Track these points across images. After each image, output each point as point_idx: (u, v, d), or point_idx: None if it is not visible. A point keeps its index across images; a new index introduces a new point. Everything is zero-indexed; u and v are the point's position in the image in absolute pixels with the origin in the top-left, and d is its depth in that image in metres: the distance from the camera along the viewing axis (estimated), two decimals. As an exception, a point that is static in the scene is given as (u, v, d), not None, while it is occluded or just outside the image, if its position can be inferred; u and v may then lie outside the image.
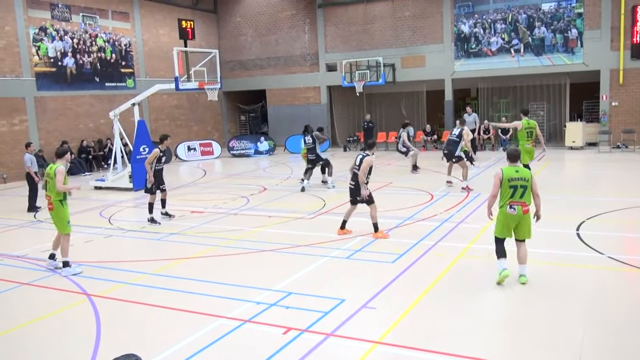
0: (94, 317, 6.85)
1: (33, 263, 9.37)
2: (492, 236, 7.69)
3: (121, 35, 24.09)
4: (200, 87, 16.92)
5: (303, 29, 27.40)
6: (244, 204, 13.86)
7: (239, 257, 9.28)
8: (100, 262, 9.20)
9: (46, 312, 7.12)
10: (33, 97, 20.70)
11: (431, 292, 7.20)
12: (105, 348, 5.97)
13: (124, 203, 15.01)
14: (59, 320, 6.88)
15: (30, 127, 20.59)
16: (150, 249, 10.18)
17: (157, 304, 7.18)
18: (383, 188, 15.09)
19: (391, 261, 8.49)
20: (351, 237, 9.89)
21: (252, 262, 8.93)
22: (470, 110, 20.53)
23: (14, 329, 6.66)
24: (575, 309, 6.49)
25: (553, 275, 7.66)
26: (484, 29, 23.66)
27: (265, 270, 8.48)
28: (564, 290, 7.08)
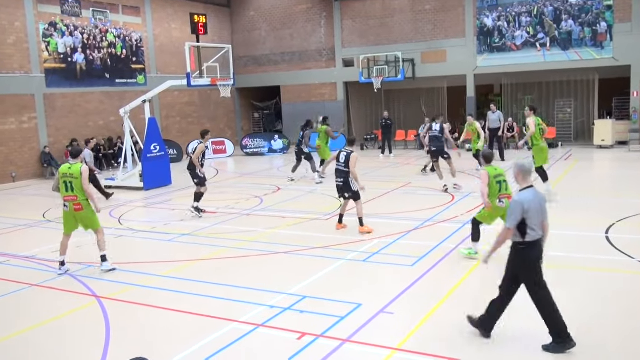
0: (103, 319, 6.90)
1: (42, 264, 9.48)
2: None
3: (132, 30, 24.30)
4: (213, 84, 16.98)
5: (319, 23, 27.39)
6: (258, 204, 13.89)
7: (252, 259, 9.29)
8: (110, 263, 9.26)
9: (55, 314, 7.19)
10: (42, 94, 20.95)
11: (452, 296, 7.14)
12: (114, 352, 6.01)
13: (134, 203, 15.12)
14: (67, 323, 6.95)
15: (39, 124, 20.85)
16: (161, 250, 10.24)
17: (167, 307, 7.21)
18: (402, 188, 15.03)
19: (410, 264, 8.45)
20: (368, 239, 9.87)
21: (266, 264, 8.94)
22: (495, 108, 20.18)
23: (22, 331, 6.74)
24: (605, 314, 6.39)
25: (581, 280, 7.56)
26: (508, 22, 23.46)
27: (279, 273, 8.48)
28: (593, 296, 6.99)
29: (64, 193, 8.65)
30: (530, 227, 5.57)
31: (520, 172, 5.76)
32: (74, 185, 8.56)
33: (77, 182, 8.55)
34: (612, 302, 6.79)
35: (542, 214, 5.67)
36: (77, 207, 8.62)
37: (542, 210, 5.68)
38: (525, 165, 5.76)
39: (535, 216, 5.58)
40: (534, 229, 5.59)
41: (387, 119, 22.67)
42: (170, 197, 15.72)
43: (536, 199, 5.65)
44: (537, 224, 5.61)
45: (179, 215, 12.99)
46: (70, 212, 8.66)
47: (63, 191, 8.66)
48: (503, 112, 25.43)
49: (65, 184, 8.62)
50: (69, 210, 8.65)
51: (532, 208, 5.57)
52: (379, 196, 14.02)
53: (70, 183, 8.61)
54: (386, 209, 12.48)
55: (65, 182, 8.62)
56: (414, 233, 10.30)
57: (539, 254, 5.71)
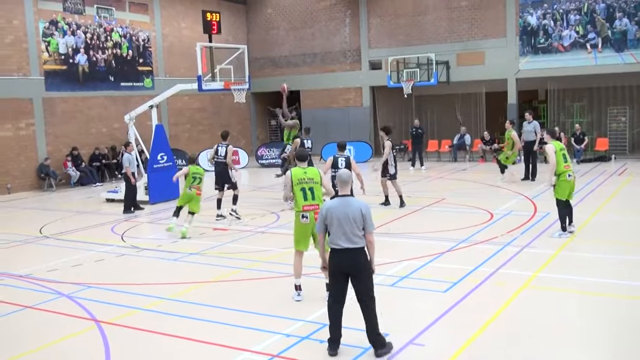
0: (103, 346, 6.95)
1: (38, 284, 9.59)
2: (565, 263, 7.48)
3: (139, 29, 24.68)
4: (226, 88, 17.12)
5: (343, 22, 27.54)
6: (274, 220, 13.91)
7: (267, 282, 9.31)
8: (111, 284, 9.36)
9: (50, 339, 7.26)
10: (41, 98, 21.33)
11: (490, 328, 7.05)
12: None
13: (138, 218, 15.26)
14: (64, 349, 7.00)
15: (37, 131, 21.20)
16: (167, 271, 10.30)
17: (173, 334, 7.23)
18: (434, 205, 14.95)
19: (443, 290, 8.38)
20: (397, 262, 9.81)
21: (282, 288, 8.93)
22: (530, 117, 19.12)
23: (14, 357, 6.81)
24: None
25: (628, 311, 7.42)
26: (555, 20, 23.32)
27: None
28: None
29: (303, 202, 8.04)
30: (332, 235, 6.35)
31: (338, 181, 6.54)
32: (315, 192, 8.05)
33: (318, 187, 8.09)
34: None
35: (348, 225, 6.28)
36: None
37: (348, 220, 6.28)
38: (342, 175, 6.53)
39: (337, 225, 6.31)
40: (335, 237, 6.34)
41: (418, 127, 22.63)
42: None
43: (342, 208, 6.34)
44: (338, 233, 6.31)
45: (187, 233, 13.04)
46: (311, 224, 8.02)
47: (301, 199, 8.04)
48: (548, 121, 25.30)
49: (304, 191, 8.05)
50: (309, 223, 8.04)
51: (334, 216, 6.32)
52: (409, 214, 13.96)
53: (311, 189, 8.08)
54: (416, 228, 12.42)
55: (303, 188, 8.07)
56: (447, 255, 10.22)
57: (334, 265, 6.38)
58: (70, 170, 21.37)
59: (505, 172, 18.07)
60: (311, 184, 8.06)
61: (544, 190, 16.28)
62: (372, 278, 6.42)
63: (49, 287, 9.34)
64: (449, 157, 24.97)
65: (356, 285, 6.35)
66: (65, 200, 18.79)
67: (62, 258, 11.21)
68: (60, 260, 11.02)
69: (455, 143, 25.05)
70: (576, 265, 9.50)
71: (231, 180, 14.31)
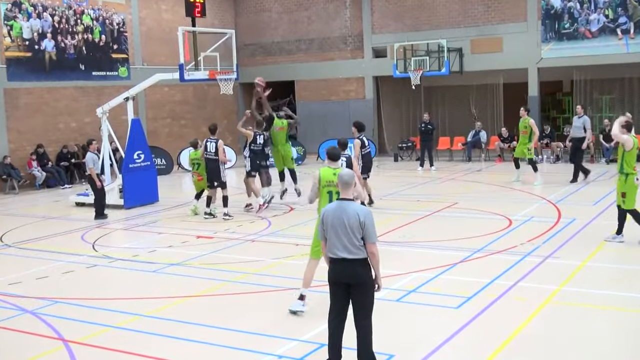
0: (72, 369, 6.94)
1: (-3, 298, 9.58)
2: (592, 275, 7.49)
3: (113, 11, 24.66)
4: (212, 78, 17.11)
5: (344, 4, 27.54)
6: (265, 227, 13.91)
7: (257, 296, 9.29)
8: (81, 299, 9.33)
9: (12, 361, 7.25)
10: (2, 90, 21.30)
11: (508, 348, 7.05)
12: (84, 410, 6.02)
13: (112, 224, 15.24)
14: (27, 373, 6.99)
15: (-2, 126, 21.19)
16: (144, 284, 10.26)
17: (150, 355, 7.20)
18: (446, 210, 14.96)
19: (455, 306, 8.38)
20: (403, 274, 9.81)
21: (274, 303, 8.91)
22: (581, 110, 18.86)
23: (-29, 382, 6.80)
24: None
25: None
26: (582, 3, 23.34)
27: (290, 314, 8.46)
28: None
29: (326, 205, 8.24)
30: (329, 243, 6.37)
31: (339, 182, 6.51)
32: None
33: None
34: None
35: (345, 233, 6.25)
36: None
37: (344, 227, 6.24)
38: (343, 176, 6.47)
39: (332, 233, 6.30)
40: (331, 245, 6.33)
41: (427, 122, 22.63)
42: (157, 217, 15.82)
43: (339, 214, 6.29)
44: (334, 241, 6.29)
45: (167, 241, 13.05)
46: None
47: (325, 202, 8.15)
48: (574, 115, 25.27)
49: (330, 195, 8.25)
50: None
51: (330, 222, 6.32)
52: (417, 220, 13.96)
53: (338, 193, 7.91)
54: (426, 236, 12.42)
55: (330, 191, 8.26)
56: (460, 266, 10.21)
57: (333, 275, 6.38)
58: (35, 170, 21.31)
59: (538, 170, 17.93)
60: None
61: (570, 193, 16.31)
62: (373, 295, 6.38)
63: (10, 303, 9.29)
64: (462, 156, 24.99)
65: (354, 299, 6.33)
66: (30, 204, 18.75)
67: (25, 269, 11.17)
68: (23, 272, 10.98)
69: (469, 140, 25.07)
70: (604, 278, 9.51)
71: (221, 179, 14.67)
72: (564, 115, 27.31)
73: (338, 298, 6.38)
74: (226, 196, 14.92)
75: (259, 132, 15.80)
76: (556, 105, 28.18)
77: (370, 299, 6.34)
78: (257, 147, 15.70)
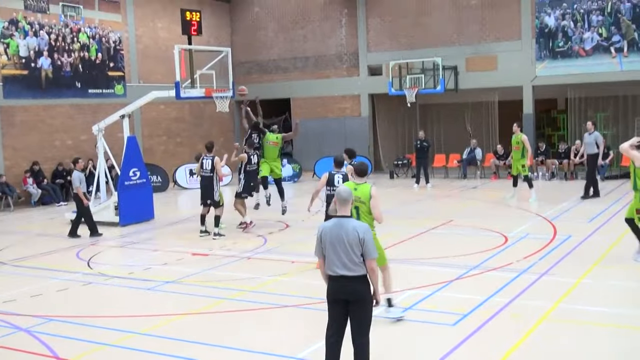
0: (66, 387, 6.90)
1: (-8, 316, 9.53)
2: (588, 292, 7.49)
3: (109, 29, 24.76)
4: (208, 95, 17.14)
5: (339, 22, 27.72)
6: (260, 244, 13.89)
7: (253, 313, 9.25)
8: (76, 317, 9.29)
9: (6, 380, 7.21)
10: (-2, 107, 21.33)
11: (505, 365, 7.03)
12: None
13: (107, 242, 15.20)
14: (21, 391, 6.95)
15: (-7, 144, 21.18)
16: (140, 302, 10.23)
17: (146, 373, 7.19)
18: (441, 227, 14.97)
19: (452, 323, 8.37)
20: (399, 291, 9.80)
21: (270, 320, 8.90)
22: (592, 127, 18.82)
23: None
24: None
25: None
26: (575, 21, 23.54)
27: (286, 331, 8.44)
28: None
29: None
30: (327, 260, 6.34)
31: (337, 199, 6.42)
32: (360, 212, 8.41)
33: (365, 208, 8.41)
34: None
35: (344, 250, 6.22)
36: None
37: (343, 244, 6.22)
38: (341, 193, 6.41)
39: (331, 250, 6.27)
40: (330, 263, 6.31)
41: (422, 140, 22.69)
42: (152, 234, 15.79)
43: (337, 231, 6.27)
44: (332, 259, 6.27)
45: (162, 258, 13.02)
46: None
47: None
48: (568, 132, 25.44)
49: (357, 210, 8.40)
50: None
51: (328, 240, 6.29)
52: (413, 237, 13.96)
53: (356, 208, 8.38)
54: (421, 253, 12.42)
55: (357, 207, 8.38)
56: (456, 283, 10.20)
57: (332, 293, 6.36)
58: (30, 187, 21.29)
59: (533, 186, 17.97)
60: (358, 202, 8.30)
61: (565, 210, 16.35)
62: (371, 312, 6.37)
63: (4, 321, 9.24)
64: (457, 173, 25.02)
65: (352, 316, 6.31)
66: (25, 222, 18.71)
67: (20, 287, 11.11)
68: (18, 290, 10.92)
69: (464, 158, 25.13)
70: (601, 295, 9.51)
71: (214, 198, 14.62)
72: (558, 133, 27.43)
73: (336, 315, 6.36)
74: (218, 216, 14.84)
75: (251, 152, 15.71)
76: (551, 122, 28.35)
77: (368, 316, 6.33)
78: (252, 167, 15.58)
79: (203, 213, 15.02)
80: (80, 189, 15.28)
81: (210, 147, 15.17)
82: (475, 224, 15.05)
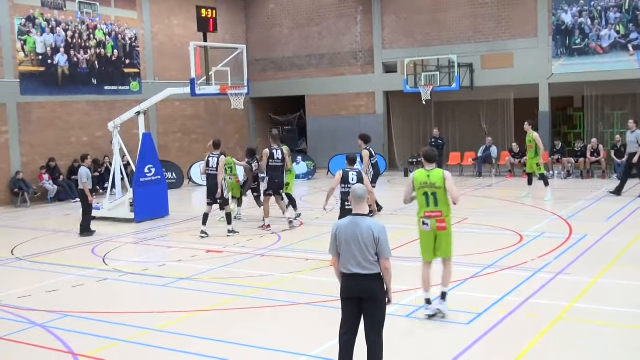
0: (81, 383, 6.93)
1: (8, 312, 9.58)
2: (603, 292, 7.44)
3: (126, 26, 24.87)
4: (223, 92, 17.19)
5: (354, 19, 27.67)
6: (275, 242, 13.90)
7: (266, 311, 9.29)
8: (91, 313, 9.33)
9: (21, 374, 7.26)
10: (16, 103, 21.46)
11: (519, 365, 7.00)
12: None
13: (122, 238, 15.28)
14: (36, 386, 6.99)
15: (11, 140, 21.31)
16: (154, 298, 10.29)
17: (160, 369, 7.21)
18: (456, 226, 14.87)
19: (466, 322, 8.35)
20: (413, 290, 9.76)
21: (284, 318, 8.92)
22: (634, 125, 18.37)
23: (-19, 395, 6.81)
24: None
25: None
26: (592, 18, 23.35)
27: (299, 328, 8.45)
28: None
29: (425, 207, 8.49)
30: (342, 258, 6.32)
31: (353, 197, 6.46)
32: (438, 198, 8.43)
33: (442, 192, 8.42)
34: None
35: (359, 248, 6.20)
36: (442, 225, 8.52)
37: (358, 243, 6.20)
38: (357, 190, 6.43)
39: (345, 248, 6.26)
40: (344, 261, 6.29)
41: (437, 138, 22.65)
42: (167, 231, 15.84)
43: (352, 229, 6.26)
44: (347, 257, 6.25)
45: (176, 255, 13.07)
46: (432, 232, 8.55)
47: (423, 205, 8.50)
48: (585, 130, 25.25)
49: (426, 196, 8.43)
50: (430, 230, 8.54)
51: (343, 238, 6.27)
52: (427, 235, 13.90)
53: (433, 194, 8.43)
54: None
55: (425, 193, 8.44)
56: (470, 282, 10.17)
57: (346, 291, 6.35)
58: (46, 183, 21.43)
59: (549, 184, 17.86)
60: (433, 188, 8.39)
61: (581, 209, 16.23)
62: (384, 311, 6.35)
63: (20, 316, 9.31)
64: (472, 172, 24.91)
65: (366, 314, 6.29)
66: (41, 218, 18.85)
67: (36, 283, 11.20)
68: (34, 286, 11.01)
69: (480, 156, 25.02)
70: (617, 295, 9.43)
71: (223, 196, 14.51)
72: (575, 131, 27.21)
73: (350, 313, 6.34)
74: (229, 213, 14.77)
75: (275, 147, 15.36)
76: (567, 120, 28.13)
77: (382, 314, 6.30)
78: (275, 162, 15.11)
79: (207, 212, 14.69)
80: (87, 185, 15.11)
81: (218, 144, 14.92)
82: (490, 223, 14.98)
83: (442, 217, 8.47)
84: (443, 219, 8.48)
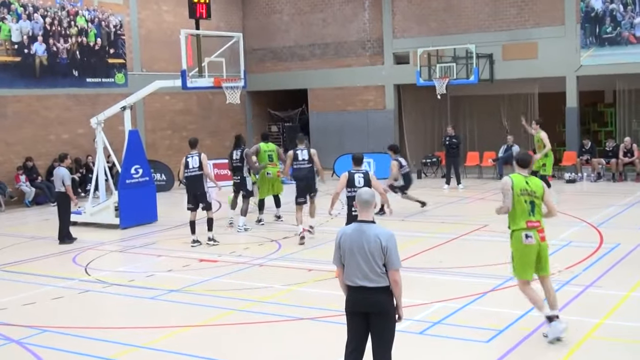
0: (61, 406, 6.95)
1: (-20, 326, 9.61)
2: (637, 308, 7.44)
3: (110, 12, 24.89)
4: (217, 85, 17.20)
5: (362, 5, 27.66)
6: (274, 250, 13.91)
7: (265, 326, 9.27)
8: (72, 328, 9.32)
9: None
10: (-11, 97, 21.52)
11: (545, 388, 7.00)
12: None
13: (106, 246, 15.28)
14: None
15: (-17, 137, 21.37)
16: (141, 312, 10.28)
17: (148, 391, 7.22)
18: (474, 233, 14.89)
19: (485, 340, 8.34)
20: (427, 304, 9.76)
21: (284, 334, 8.91)
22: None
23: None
24: None
25: None
26: (625, 5, 23.32)
27: (302, 346, 8.44)
28: None
29: (527, 217, 8.48)
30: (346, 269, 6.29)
31: (358, 202, 6.45)
32: (536, 207, 8.48)
33: (539, 202, 8.48)
34: None
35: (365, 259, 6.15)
36: (543, 235, 8.51)
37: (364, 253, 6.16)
38: (363, 195, 6.44)
39: (350, 258, 6.22)
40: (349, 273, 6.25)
41: (452, 136, 22.58)
42: (156, 238, 15.84)
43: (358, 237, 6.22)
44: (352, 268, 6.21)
45: (166, 264, 13.07)
46: (537, 245, 8.49)
47: (524, 214, 8.51)
48: (617, 128, 25.20)
49: (532, 205, 8.48)
50: (535, 243, 8.45)
51: (347, 247, 6.24)
52: (442, 243, 13.91)
53: (532, 203, 8.48)
54: (452, 262, 12.35)
55: (531, 202, 8.49)
56: (490, 296, 10.17)
57: (351, 304, 6.31)
58: (23, 185, 21.43)
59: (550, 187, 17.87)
60: (533, 197, 8.39)
61: (613, 215, 16.20)
62: (394, 326, 6.33)
63: None
64: (492, 173, 24.89)
65: (373, 331, 6.26)
66: (18, 223, 18.86)
67: (11, 295, 11.21)
68: (9, 298, 11.01)
69: (500, 156, 24.96)
70: (653, 311, 9.43)
71: (206, 199, 14.51)
72: (605, 129, 27.15)
73: (356, 329, 6.32)
74: (211, 218, 14.63)
75: (300, 147, 14.96)
76: (597, 117, 28.04)
77: (391, 331, 6.28)
78: (300, 163, 14.78)
79: (192, 219, 14.54)
80: (70, 188, 15.07)
81: (194, 142, 14.95)
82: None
83: (541, 227, 8.46)
84: (543, 229, 8.48)
